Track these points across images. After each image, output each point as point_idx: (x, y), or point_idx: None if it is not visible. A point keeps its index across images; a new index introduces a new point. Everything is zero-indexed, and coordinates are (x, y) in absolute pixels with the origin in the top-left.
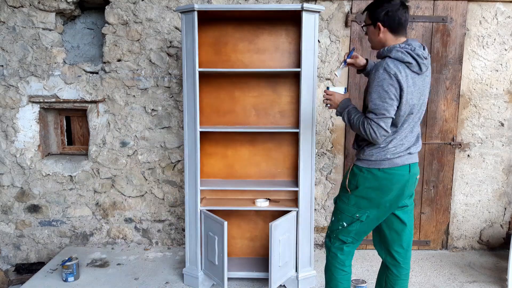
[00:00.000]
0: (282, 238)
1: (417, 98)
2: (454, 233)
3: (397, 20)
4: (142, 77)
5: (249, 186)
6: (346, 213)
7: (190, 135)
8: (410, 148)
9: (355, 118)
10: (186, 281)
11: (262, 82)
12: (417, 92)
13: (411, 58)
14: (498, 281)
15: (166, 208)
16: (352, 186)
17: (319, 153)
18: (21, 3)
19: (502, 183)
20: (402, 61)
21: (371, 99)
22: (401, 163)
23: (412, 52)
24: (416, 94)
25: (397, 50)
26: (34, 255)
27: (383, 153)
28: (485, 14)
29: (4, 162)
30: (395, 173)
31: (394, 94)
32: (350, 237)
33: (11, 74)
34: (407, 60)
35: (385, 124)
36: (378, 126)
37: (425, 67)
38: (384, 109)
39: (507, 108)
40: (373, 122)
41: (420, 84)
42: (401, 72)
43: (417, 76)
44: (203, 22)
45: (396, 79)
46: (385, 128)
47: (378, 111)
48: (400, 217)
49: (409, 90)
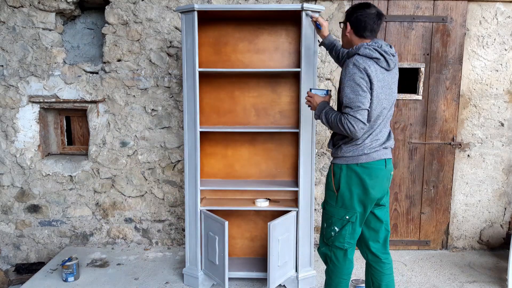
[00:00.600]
0: (282, 238)
1: (387, 93)
2: (454, 233)
3: (363, 25)
4: (142, 77)
5: (249, 186)
6: (336, 216)
7: (190, 135)
8: (384, 143)
9: (332, 116)
10: (186, 281)
11: (262, 82)
12: (386, 88)
13: (379, 54)
14: (498, 281)
15: (166, 208)
16: (336, 186)
17: (319, 153)
18: (21, 3)
19: (502, 183)
20: (370, 57)
21: (345, 94)
22: (377, 157)
23: (379, 49)
24: (386, 89)
25: (365, 48)
26: (34, 255)
27: (360, 149)
28: (485, 14)
29: (4, 162)
30: (372, 167)
31: (366, 86)
32: (345, 243)
33: (11, 74)
34: (375, 56)
35: (362, 117)
36: (355, 119)
37: (393, 63)
38: (358, 102)
39: (507, 108)
40: (349, 116)
41: (389, 80)
42: (370, 67)
43: (385, 72)
44: (203, 22)
45: (366, 72)
46: (362, 120)
47: (353, 104)
48: (377, 215)
49: (379, 85)
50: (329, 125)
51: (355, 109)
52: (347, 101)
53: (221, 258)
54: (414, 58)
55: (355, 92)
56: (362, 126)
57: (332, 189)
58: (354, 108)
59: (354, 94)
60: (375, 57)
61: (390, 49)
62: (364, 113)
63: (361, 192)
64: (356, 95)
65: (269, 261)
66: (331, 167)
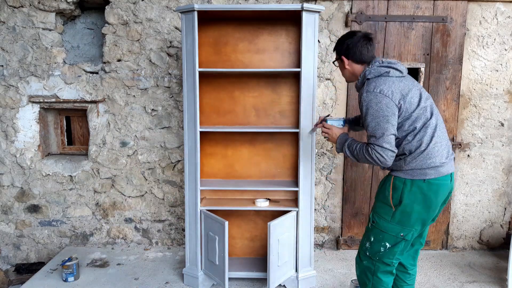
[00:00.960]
0: (282, 238)
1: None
2: (454, 233)
3: (357, 51)
4: (142, 77)
5: (249, 186)
6: (390, 232)
7: (190, 135)
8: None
9: (357, 148)
10: (186, 281)
11: (262, 82)
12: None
13: (386, 68)
14: (498, 281)
15: (166, 208)
16: (395, 201)
17: (319, 153)
18: (21, 3)
19: (502, 183)
20: (380, 74)
21: (367, 124)
22: (445, 172)
23: (383, 64)
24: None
25: (370, 72)
26: (34, 255)
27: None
28: (485, 14)
29: (4, 162)
30: (440, 183)
31: (387, 109)
32: (395, 259)
33: (11, 74)
34: (384, 71)
35: (389, 144)
36: (382, 148)
37: (405, 70)
38: (381, 128)
39: (507, 108)
40: (376, 146)
41: (410, 83)
42: (385, 83)
43: (401, 78)
44: (203, 22)
45: (383, 94)
46: (389, 148)
47: (377, 133)
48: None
49: (403, 93)
50: (355, 158)
51: (379, 137)
52: (370, 130)
53: (221, 258)
54: (414, 58)
55: (375, 119)
56: (391, 154)
57: (388, 203)
58: (378, 137)
59: (375, 122)
60: (384, 72)
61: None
62: (390, 139)
63: (423, 210)
64: (377, 123)
65: (269, 261)
66: (391, 179)
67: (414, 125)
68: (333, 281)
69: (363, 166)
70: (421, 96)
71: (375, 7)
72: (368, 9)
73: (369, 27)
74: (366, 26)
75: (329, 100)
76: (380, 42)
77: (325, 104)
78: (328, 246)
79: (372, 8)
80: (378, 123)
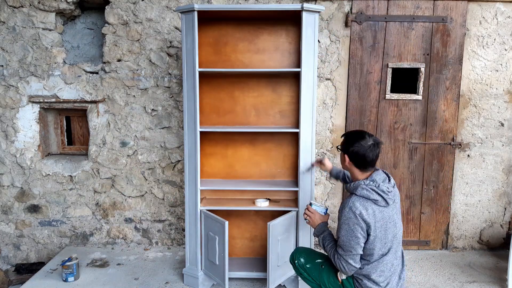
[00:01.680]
0: (281, 238)
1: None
2: (454, 233)
3: (362, 160)
4: (142, 77)
5: (249, 186)
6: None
7: (190, 135)
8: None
9: (328, 247)
10: (186, 281)
11: (262, 82)
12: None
13: (377, 195)
14: (498, 281)
15: (166, 208)
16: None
17: (319, 153)
18: (21, 3)
19: (502, 183)
20: (369, 199)
21: (339, 235)
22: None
23: (377, 189)
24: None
25: (362, 188)
26: (34, 255)
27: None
28: (485, 14)
29: (4, 162)
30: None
31: (361, 232)
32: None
33: (11, 74)
34: (373, 197)
35: (353, 261)
36: (346, 262)
37: (391, 201)
38: (350, 247)
39: (507, 108)
40: (342, 258)
41: (390, 214)
42: (368, 209)
43: (384, 209)
44: (203, 22)
45: (362, 218)
46: (353, 264)
47: (345, 248)
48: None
49: (378, 225)
50: (325, 251)
51: (347, 253)
52: (340, 242)
53: (221, 258)
54: (414, 58)
55: (348, 237)
56: (353, 268)
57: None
58: (346, 252)
59: (347, 239)
60: (373, 198)
61: (388, 184)
62: (356, 258)
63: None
64: (349, 241)
65: (268, 261)
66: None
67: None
68: None
69: None
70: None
71: (375, 7)
72: (368, 9)
73: (369, 27)
74: (366, 26)
75: (329, 100)
76: (380, 42)
77: (325, 104)
78: None
79: (372, 8)
80: (349, 240)
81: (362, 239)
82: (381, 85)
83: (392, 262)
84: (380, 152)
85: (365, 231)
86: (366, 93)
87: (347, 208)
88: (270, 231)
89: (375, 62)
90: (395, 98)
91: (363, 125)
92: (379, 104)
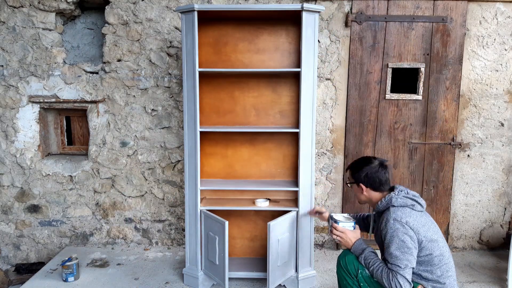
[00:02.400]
0: (282, 238)
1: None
2: (454, 233)
3: (377, 180)
4: (142, 77)
5: (249, 186)
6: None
7: (190, 135)
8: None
9: (375, 266)
10: (186, 281)
11: (262, 82)
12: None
13: (411, 200)
14: (498, 281)
15: (166, 208)
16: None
17: (319, 153)
18: (21, 3)
19: (502, 183)
20: (407, 205)
21: (391, 252)
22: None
23: (408, 195)
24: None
25: (396, 198)
26: (34, 255)
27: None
28: (485, 14)
29: (4, 162)
30: None
31: (411, 242)
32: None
33: (11, 74)
34: (410, 203)
35: (409, 276)
36: (403, 278)
37: (425, 205)
38: (406, 260)
39: (507, 108)
40: (399, 275)
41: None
42: (411, 216)
43: (423, 214)
44: (203, 22)
45: (409, 226)
46: (409, 280)
47: (401, 263)
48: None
49: (424, 229)
50: (370, 272)
51: (404, 268)
52: (393, 259)
53: (221, 258)
54: (414, 58)
55: (401, 249)
56: (408, 285)
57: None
58: (402, 267)
59: (400, 252)
60: (410, 204)
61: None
62: (410, 272)
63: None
64: (402, 253)
65: (268, 261)
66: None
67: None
68: (333, 281)
69: None
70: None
71: (375, 7)
72: (368, 9)
73: (369, 27)
74: (366, 26)
75: (329, 100)
76: (380, 42)
77: (325, 104)
78: (328, 246)
79: (372, 8)
80: (403, 253)
81: (414, 250)
82: (381, 85)
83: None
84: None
85: (415, 240)
86: (366, 93)
87: (391, 220)
88: (270, 231)
89: (375, 62)
90: (395, 98)
91: (363, 125)
92: (379, 104)
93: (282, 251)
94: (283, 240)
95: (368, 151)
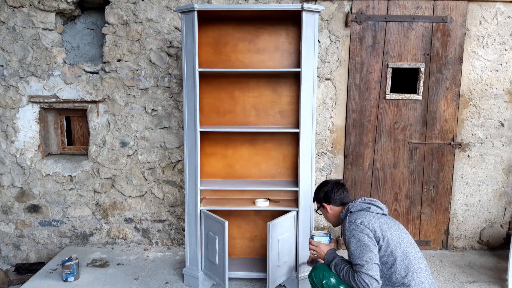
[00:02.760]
0: (281, 238)
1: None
2: (454, 233)
3: (334, 195)
4: (142, 77)
5: (249, 186)
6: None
7: (190, 135)
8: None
9: (344, 270)
10: (186, 281)
11: (262, 82)
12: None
13: (367, 204)
14: (498, 281)
15: (166, 208)
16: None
17: (319, 153)
18: (21, 3)
19: (502, 183)
20: (362, 209)
21: (351, 252)
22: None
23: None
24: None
25: (353, 206)
26: (34, 255)
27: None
28: (485, 14)
29: (4, 162)
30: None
31: (368, 239)
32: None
33: (11, 74)
34: (365, 206)
35: (374, 273)
36: (367, 276)
37: (386, 209)
38: (366, 257)
39: (507, 108)
40: (362, 273)
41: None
42: (366, 217)
43: (383, 216)
44: (203, 22)
45: (364, 225)
46: (374, 276)
47: (360, 261)
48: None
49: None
50: (341, 277)
51: (364, 265)
52: (354, 258)
53: (221, 258)
54: (414, 58)
55: (359, 248)
56: (376, 284)
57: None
58: (362, 264)
59: (359, 250)
60: (365, 206)
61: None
62: (375, 269)
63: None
64: (361, 251)
65: (268, 261)
66: None
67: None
68: None
69: (363, 167)
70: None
71: (375, 7)
72: (368, 9)
73: (369, 27)
74: (366, 26)
75: (329, 100)
76: (380, 42)
77: (325, 104)
78: None
79: (372, 8)
80: (362, 251)
81: (373, 246)
82: (381, 85)
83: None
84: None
85: (372, 237)
86: (366, 93)
87: (347, 224)
88: (270, 231)
89: (375, 62)
90: (395, 98)
91: (363, 125)
92: (379, 104)
93: (282, 251)
94: (283, 240)
95: (368, 151)
